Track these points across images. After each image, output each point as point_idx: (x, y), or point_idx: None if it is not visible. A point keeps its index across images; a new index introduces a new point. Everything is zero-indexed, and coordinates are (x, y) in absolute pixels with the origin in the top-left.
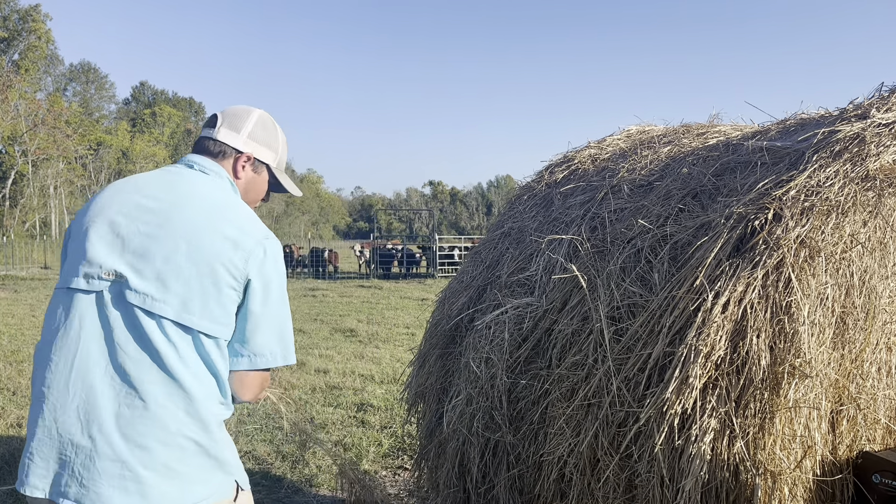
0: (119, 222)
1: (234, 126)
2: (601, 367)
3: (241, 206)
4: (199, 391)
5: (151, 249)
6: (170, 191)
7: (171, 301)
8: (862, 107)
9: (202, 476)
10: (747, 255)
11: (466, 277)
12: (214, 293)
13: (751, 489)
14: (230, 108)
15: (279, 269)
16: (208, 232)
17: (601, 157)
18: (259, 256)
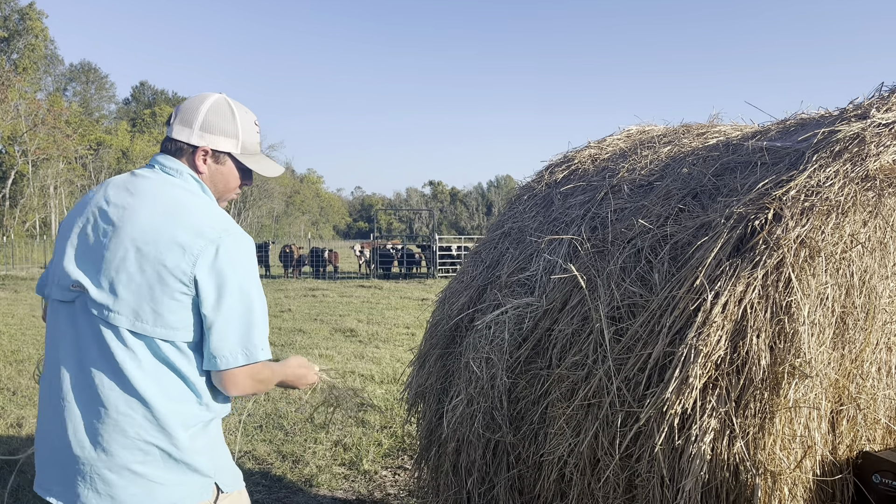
0: (86, 232)
1: (186, 120)
2: (601, 367)
3: (199, 205)
4: (158, 396)
5: (106, 258)
6: (129, 196)
7: (124, 310)
8: (862, 107)
9: (170, 479)
10: (747, 255)
11: (466, 277)
12: (165, 300)
13: (751, 489)
14: (185, 101)
15: (238, 265)
16: (157, 237)
17: (601, 157)
18: (209, 256)
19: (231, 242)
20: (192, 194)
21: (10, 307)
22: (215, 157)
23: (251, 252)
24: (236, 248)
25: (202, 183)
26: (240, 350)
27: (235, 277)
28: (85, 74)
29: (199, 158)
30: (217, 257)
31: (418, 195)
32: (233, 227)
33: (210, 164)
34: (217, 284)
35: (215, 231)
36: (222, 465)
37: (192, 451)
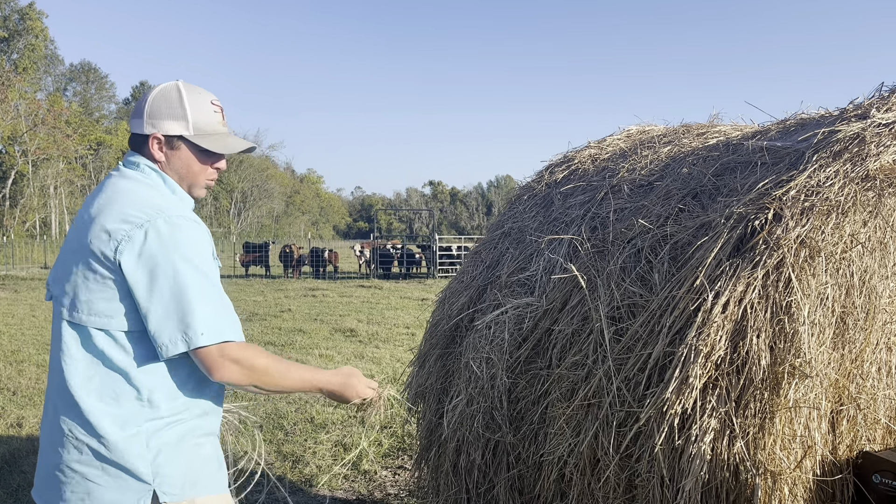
0: (69, 233)
1: (138, 111)
2: (601, 367)
3: (140, 193)
4: (86, 393)
5: (61, 257)
6: (91, 197)
7: (65, 301)
8: (862, 107)
9: (105, 480)
10: (747, 255)
11: (466, 277)
12: (96, 287)
13: (751, 489)
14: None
15: (171, 249)
16: (90, 228)
17: (601, 157)
18: (138, 241)
19: (163, 225)
20: (142, 185)
21: (10, 307)
22: (168, 142)
23: (190, 235)
24: (169, 231)
25: (161, 173)
26: (179, 336)
27: (167, 261)
28: (85, 74)
29: (154, 147)
30: (146, 242)
31: (418, 195)
32: (171, 210)
33: (165, 151)
34: (148, 270)
35: (144, 215)
36: (172, 473)
37: (126, 453)
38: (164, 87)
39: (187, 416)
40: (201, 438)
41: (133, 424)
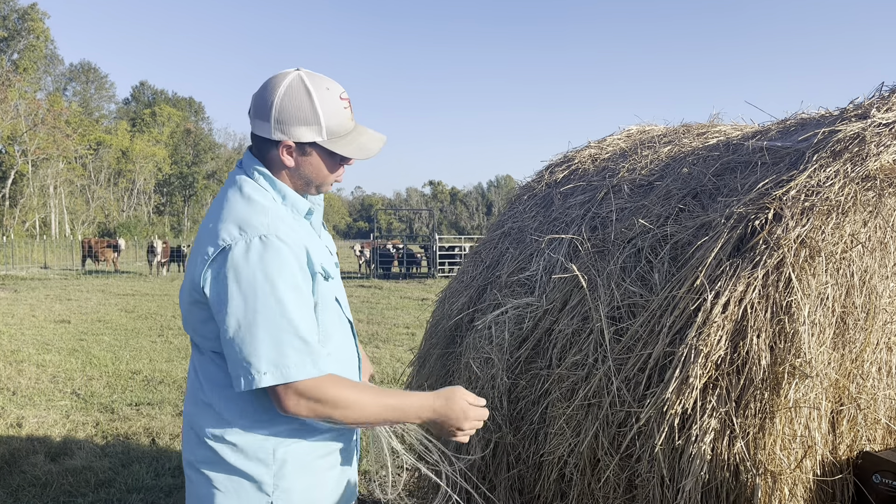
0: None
1: (261, 112)
2: (601, 367)
3: (231, 208)
4: (216, 398)
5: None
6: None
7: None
8: (862, 107)
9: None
10: (748, 254)
11: (466, 277)
12: (195, 309)
13: (751, 489)
14: (260, 87)
15: (247, 275)
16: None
17: (601, 157)
18: (216, 267)
19: (242, 250)
20: (243, 196)
21: (10, 307)
22: (300, 149)
23: (271, 258)
24: (248, 256)
25: (272, 178)
26: (242, 374)
27: (240, 290)
28: (85, 74)
29: (284, 154)
30: (224, 267)
31: (418, 195)
32: (256, 230)
33: (296, 157)
34: (221, 297)
35: (229, 237)
36: (292, 488)
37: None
38: (290, 83)
39: (316, 432)
40: (329, 458)
41: (261, 432)
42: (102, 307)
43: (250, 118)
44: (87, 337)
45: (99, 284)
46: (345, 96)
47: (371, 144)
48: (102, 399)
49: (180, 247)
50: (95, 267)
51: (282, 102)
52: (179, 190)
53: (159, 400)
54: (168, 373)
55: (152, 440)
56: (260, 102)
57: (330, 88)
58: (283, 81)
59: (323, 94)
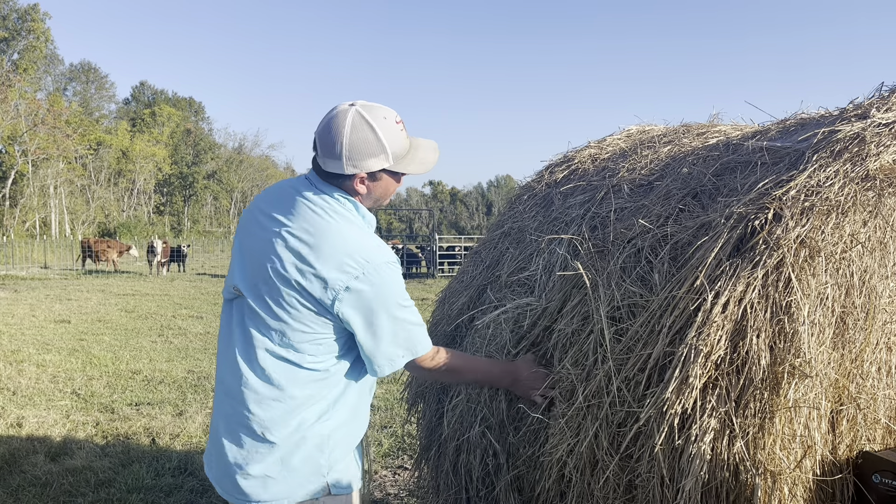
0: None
1: (330, 152)
2: (601, 368)
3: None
4: (267, 390)
5: (249, 263)
6: (276, 206)
7: (259, 309)
8: (862, 106)
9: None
10: (747, 254)
11: (466, 277)
12: (298, 313)
13: (751, 489)
14: (321, 125)
15: (383, 297)
16: (293, 261)
17: (601, 157)
18: (355, 294)
19: (374, 276)
20: (343, 219)
21: (10, 307)
22: (371, 176)
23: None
24: (380, 280)
25: (355, 202)
26: (386, 362)
27: (381, 309)
28: (85, 74)
29: (358, 185)
30: (362, 294)
31: (418, 195)
32: (376, 258)
33: (368, 184)
34: (365, 317)
35: (358, 266)
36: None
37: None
38: (352, 122)
39: (354, 420)
40: (356, 441)
41: (320, 422)
42: (102, 307)
43: (318, 156)
44: (87, 337)
45: (99, 284)
46: (399, 119)
47: (428, 156)
48: (102, 399)
49: (180, 247)
50: (95, 267)
51: (350, 141)
52: (179, 190)
53: (159, 400)
54: (168, 373)
55: (152, 440)
56: (327, 143)
57: (387, 117)
58: (345, 121)
59: (382, 124)
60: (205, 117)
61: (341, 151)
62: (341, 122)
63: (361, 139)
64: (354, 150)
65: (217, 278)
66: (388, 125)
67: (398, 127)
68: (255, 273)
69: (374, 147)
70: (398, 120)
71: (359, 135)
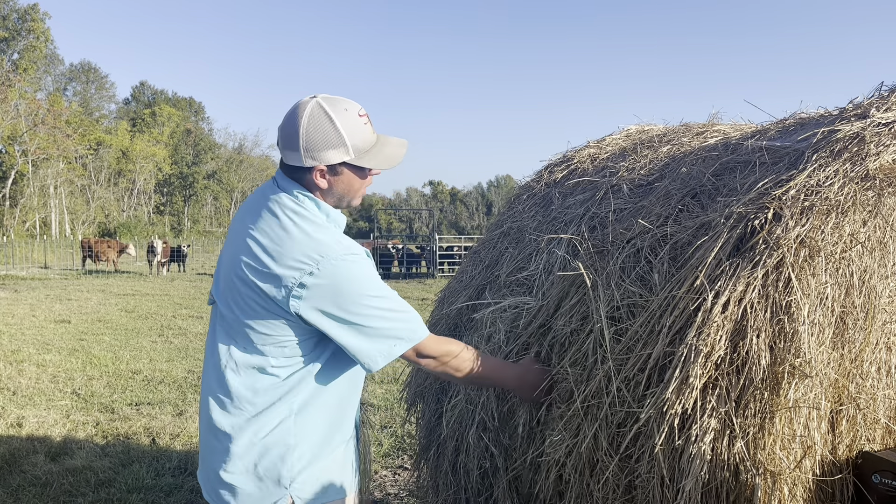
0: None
1: (290, 144)
2: (601, 368)
3: (297, 230)
4: (241, 399)
5: (223, 273)
6: (247, 213)
7: (228, 316)
8: (862, 106)
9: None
10: (747, 254)
11: (465, 277)
12: (259, 315)
13: (751, 489)
14: (283, 119)
15: (345, 290)
16: (252, 263)
17: (601, 157)
18: (310, 288)
19: (331, 269)
20: (299, 217)
21: (10, 307)
22: (331, 170)
23: (356, 271)
24: (337, 274)
25: (315, 200)
26: (377, 356)
27: (345, 302)
28: (85, 74)
29: (317, 178)
30: (318, 288)
31: (418, 195)
32: (332, 250)
33: (328, 178)
34: (328, 313)
35: (311, 262)
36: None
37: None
38: (310, 112)
39: (324, 428)
40: (331, 450)
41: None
42: (102, 307)
43: (280, 149)
44: (87, 337)
45: (99, 284)
46: (363, 113)
47: (395, 152)
48: (102, 399)
49: (180, 247)
50: (95, 267)
51: (307, 132)
52: (179, 190)
53: (159, 400)
54: (168, 373)
55: (152, 440)
56: (287, 134)
57: (348, 109)
58: (304, 112)
59: (342, 115)
60: (205, 117)
61: (299, 142)
62: (300, 114)
63: (319, 130)
64: (311, 142)
65: None
66: (348, 117)
67: (361, 120)
68: (224, 279)
69: (333, 138)
70: (362, 113)
71: (316, 126)
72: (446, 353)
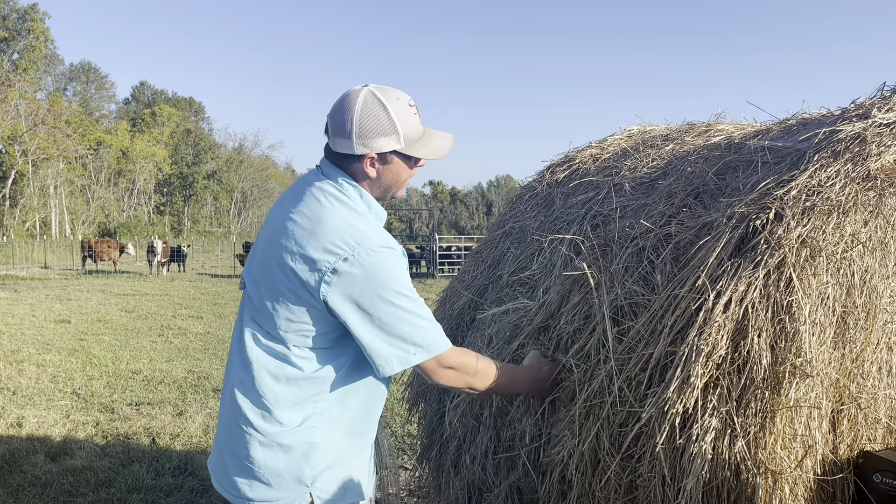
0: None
1: (341, 130)
2: (603, 368)
3: (337, 217)
4: (267, 391)
5: (259, 257)
6: (288, 200)
7: (257, 303)
8: (863, 106)
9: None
10: (749, 254)
11: (467, 277)
12: (292, 304)
13: (752, 488)
14: (334, 107)
15: (375, 281)
16: (290, 246)
17: (603, 157)
18: (342, 275)
19: (365, 257)
20: (341, 204)
21: (10, 307)
22: (381, 158)
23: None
24: (372, 263)
25: (360, 188)
26: (394, 358)
27: (374, 294)
28: (85, 74)
29: (367, 166)
30: (350, 276)
31: (418, 195)
32: (370, 240)
33: (378, 167)
34: (355, 303)
35: (347, 247)
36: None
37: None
38: (364, 100)
39: (349, 430)
40: (355, 452)
41: (305, 427)
42: (102, 307)
43: (328, 137)
44: (87, 337)
45: (99, 284)
46: (412, 103)
47: (442, 144)
48: (102, 399)
49: (180, 247)
50: (96, 267)
51: (360, 119)
52: (179, 190)
53: (159, 400)
54: (168, 373)
55: (152, 440)
56: (338, 121)
57: (400, 99)
58: (357, 99)
59: (395, 104)
60: (205, 117)
61: (351, 129)
62: (353, 101)
63: (372, 117)
64: (365, 129)
65: (217, 278)
66: (400, 106)
67: (411, 110)
68: (259, 261)
69: (386, 126)
70: (412, 103)
71: (370, 113)
72: (463, 366)
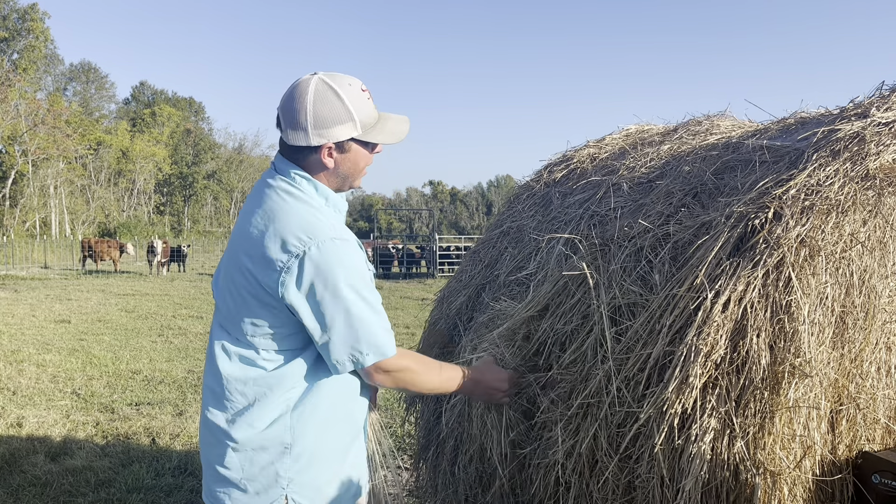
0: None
1: (295, 123)
2: (601, 368)
3: (291, 213)
4: (237, 395)
5: (225, 266)
6: (249, 205)
7: (224, 311)
8: (862, 106)
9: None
10: (747, 254)
11: (465, 277)
12: (254, 307)
13: (751, 489)
14: (284, 98)
15: (329, 276)
16: (250, 250)
17: (600, 157)
18: (295, 273)
19: (317, 253)
20: (295, 200)
21: (10, 307)
22: (339, 147)
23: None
24: (324, 257)
25: (313, 181)
26: (347, 358)
27: (326, 290)
28: (85, 74)
29: (325, 157)
30: (304, 272)
31: (418, 195)
32: (323, 233)
33: (336, 156)
34: (309, 299)
35: (300, 244)
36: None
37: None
38: (315, 88)
39: (325, 428)
40: (342, 453)
41: (279, 426)
42: (102, 307)
43: (281, 130)
44: (87, 337)
45: (99, 284)
46: (365, 88)
47: (399, 127)
48: (102, 399)
49: (180, 247)
50: (96, 267)
51: (314, 108)
52: (179, 190)
53: (159, 400)
54: (168, 373)
55: (152, 440)
56: (291, 113)
57: (352, 84)
58: (308, 88)
59: (348, 90)
60: (205, 117)
61: (306, 120)
62: (304, 91)
63: (327, 106)
64: (320, 118)
65: None
66: (353, 92)
67: (364, 95)
68: (224, 270)
69: (341, 114)
70: (364, 88)
71: (324, 101)
72: (402, 369)
